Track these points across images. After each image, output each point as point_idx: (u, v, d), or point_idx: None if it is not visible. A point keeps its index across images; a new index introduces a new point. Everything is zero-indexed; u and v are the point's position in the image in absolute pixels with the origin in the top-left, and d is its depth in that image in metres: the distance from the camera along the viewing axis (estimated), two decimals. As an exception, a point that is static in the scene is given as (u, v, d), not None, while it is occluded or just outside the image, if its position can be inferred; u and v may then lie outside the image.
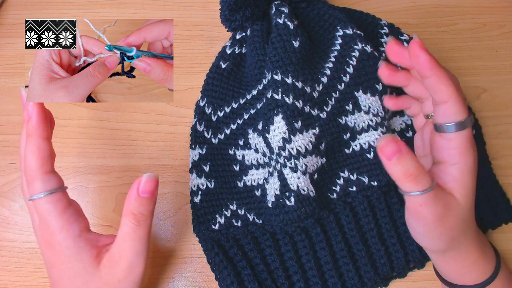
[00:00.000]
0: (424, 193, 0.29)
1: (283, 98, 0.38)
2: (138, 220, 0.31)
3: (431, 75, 0.30)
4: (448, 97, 0.30)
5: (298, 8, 0.43)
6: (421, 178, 0.29)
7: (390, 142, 0.29)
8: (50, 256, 0.32)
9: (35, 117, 0.31)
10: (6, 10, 0.49)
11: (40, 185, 0.30)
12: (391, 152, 0.29)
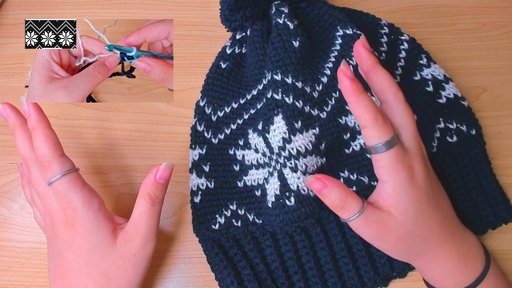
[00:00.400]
0: (353, 219, 0.32)
1: (283, 98, 0.38)
2: (153, 201, 0.35)
3: (350, 101, 0.32)
4: (366, 122, 0.31)
5: (298, 8, 0.43)
6: (347, 207, 0.32)
7: (314, 182, 0.33)
8: (69, 235, 0.34)
9: (35, 112, 0.35)
10: (6, 10, 0.49)
11: (58, 166, 0.34)
12: (317, 189, 0.33)
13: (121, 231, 0.35)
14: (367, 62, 0.33)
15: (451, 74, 0.44)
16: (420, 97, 0.43)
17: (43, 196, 0.35)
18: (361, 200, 0.33)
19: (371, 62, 0.33)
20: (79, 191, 0.34)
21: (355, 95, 0.31)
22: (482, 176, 0.40)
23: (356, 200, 0.32)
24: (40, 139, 0.34)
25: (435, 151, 0.41)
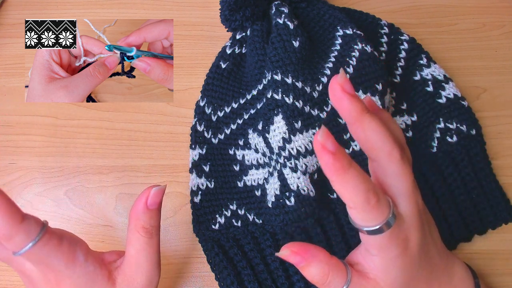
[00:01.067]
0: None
1: (283, 98, 0.38)
2: (150, 233, 0.30)
3: (333, 180, 0.25)
4: (353, 204, 0.25)
5: (298, 8, 0.43)
6: (329, 284, 0.28)
7: (289, 256, 0.28)
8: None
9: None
10: (6, 10, 0.49)
11: (23, 237, 0.26)
12: (294, 263, 0.28)
13: (119, 273, 0.30)
14: (350, 111, 0.25)
15: (451, 74, 0.44)
16: (420, 97, 0.43)
17: (11, 263, 0.29)
18: (345, 273, 0.28)
19: (356, 111, 0.25)
20: (57, 252, 0.28)
21: (339, 174, 0.24)
22: (482, 176, 0.40)
23: (340, 275, 0.28)
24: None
25: (435, 151, 0.41)
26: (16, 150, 0.44)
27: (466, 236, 0.39)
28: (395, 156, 0.26)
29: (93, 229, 0.42)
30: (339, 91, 0.25)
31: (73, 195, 0.43)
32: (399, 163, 0.26)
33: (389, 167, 0.26)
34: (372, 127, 0.25)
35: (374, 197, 0.25)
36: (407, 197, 0.27)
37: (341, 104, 0.25)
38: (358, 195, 0.24)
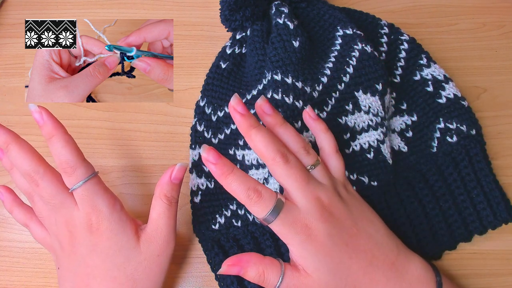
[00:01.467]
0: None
1: (283, 98, 0.38)
2: (170, 201, 0.35)
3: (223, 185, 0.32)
4: (243, 201, 0.31)
5: (298, 8, 0.43)
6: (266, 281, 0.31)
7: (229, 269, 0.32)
8: (94, 238, 0.33)
9: (50, 119, 0.33)
10: (6, 10, 0.50)
11: (83, 170, 0.33)
12: (236, 273, 0.32)
13: (142, 232, 0.35)
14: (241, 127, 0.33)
15: (451, 74, 0.44)
16: (420, 97, 0.43)
17: (60, 207, 0.33)
18: (279, 268, 0.32)
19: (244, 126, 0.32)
20: (103, 193, 0.34)
21: (223, 179, 0.31)
22: (482, 176, 0.40)
23: (274, 270, 0.31)
24: (61, 145, 0.33)
25: (435, 151, 0.41)
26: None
27: (466, 236, 0.39)
28: (278, 161, 0.32)
29: (93, 229, 0.42)
30: (232, 110, 0.32)
31: (73, 195, 0.43)
32: (283, 166, 0.32)
33: (275, 170, 0.32)
34: (258, 138, 0.32)
35: (254, 193, 0.31)
36: (299, 191, 0.32)
37: (234, 119, 0.33)
38: (240, 193, 0.31)
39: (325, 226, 0.31)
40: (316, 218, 0.31)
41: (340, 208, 0.33)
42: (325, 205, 0.32)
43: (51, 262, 0.41)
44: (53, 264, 0.41)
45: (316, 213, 0.32)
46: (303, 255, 0.31)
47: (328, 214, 0.32)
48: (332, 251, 0.31)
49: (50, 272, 0.41)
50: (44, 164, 0.33)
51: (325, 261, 0.31)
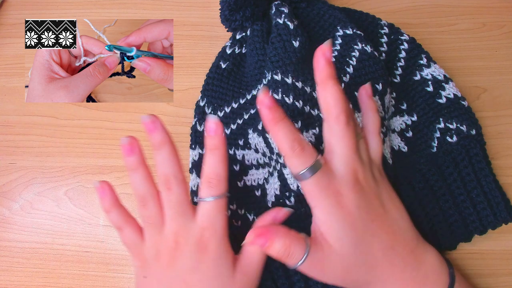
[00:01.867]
0: (300, 265, 0.31)
1: (283, 98, 0.38)
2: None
3: (268, 131, 0.32)
4: (284, 152, 0.32)
5: (298, 8, 0.43)
6: (292, 255, 0.31)
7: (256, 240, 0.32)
8: (200, 256, 0.33)
9: (219, 132, 0.34)
10: (6, 10, 0.50)
11: (222, 187, 0.34)
12: (261, 244, 0.32)
13: (238, 263, 0.34)
14: (321, 73, 0.32)
15: (451, 74, 0.44)
16: (420, 97, 0.43)
17: (179, 215, 0.33)
18: (304, 243, 0.32)
19: (324, 74, 0.31)
20: (224, 216, 0.34)
21: (272, 124, 0.31)
22: (482, 176, 0.40)
23: (299, 245, 0.31)
24: (218, 159, 0.34)
25: (435, 151, 0.41)
26: (16, 150, 0.44)
27: (466, 236, 0.39)
28: (341, 120, 0.31)
29: (93, 229, 0.42)
30: (320, 54, 0.31)
31: (73, 195, 0.43)
32: (343, 126, 0.32)
33: (334, 127, 0.32)
34: (332, 90, 0.31)
35: (298, 146, 0.31)
36: (343, 158, 0.32)
37: (317, 64, 0.32)
38: (285, 142, 0.31)
39: (356, 197, 0.32)
40: (349, 188, 0.32)
41: (372, 186, 0.33)
42: (359, 178, 0.33)
43: (51, 262, 0.41)
44: (53, 264, 0.41)
45: (350, 183, 0.32)
46: (328, 221, 0.31)
47: (360, 187, 0.32)
48: (358, 223, 0.31)
49: (50, 272, 0.41)
50: (183, 172, 0.35)
51: (349, 232, 0.31)
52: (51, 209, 0.43)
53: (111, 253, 0.41)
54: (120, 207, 0.36)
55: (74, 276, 0.41)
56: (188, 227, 0.33)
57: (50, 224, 0.42)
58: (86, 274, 0.41)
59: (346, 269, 0.32)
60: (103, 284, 0.41)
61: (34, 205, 0.43)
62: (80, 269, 0.41)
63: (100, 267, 0.41)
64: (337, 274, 0.32)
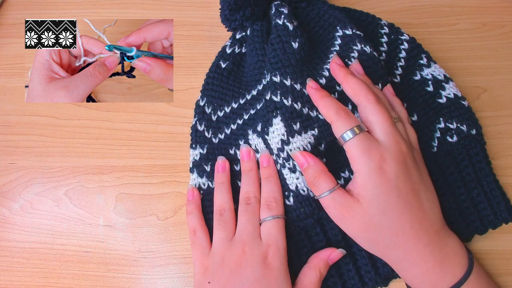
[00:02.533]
0: (321, 197, 0.35)
1: (281, 100, 0.38)
2: (321, 276, 0.37)
3: (318, 105, 0.37)
4: (331, 118, 0.36)
5: (298, 8, 0.43)
6: (317, 185, 0.35)
7: (298, 156, 0.36)
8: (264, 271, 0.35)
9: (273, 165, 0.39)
10: (6, 10, 0.50)
11: (280, 209, 0.38)
12: (299, 163, 0.37)
13: (297, 282, 0.37)
14: (339, 74, 0.38)
15: (451, 74, 0.44)
16: (420, 97, 0.43)
17: (248, 227, 0.37)
18: (333, 182, 0.35)
19: (342, 74, 0.38)
20: (284, 235, 0.37)
21: (320, 98, 0.37)
22: (482, 176, 0.40)
23: (327, 181, 0.35)
24: (275, 185, 0.38)
25: (435, 151, 0.41)
26: (16, 150, 0.44)
27: (466, 236, 0.39)
28: (370, 98, 0.36)
29: (93, 229, 0.42)
30: (334, 63, 0.39)
31: (73, 195, 0.43)
32: (374, 102, 0.35)
33: (367, 106, 0.36)
34: (353, 81, 0.37)
35: (343, 112, 0.36)
36: (384, 128, 0.35)
37: (334, 72, 0.38)
38: (332, 109, 0.36)
39: (398, 167, 0.34)
40: (392, 156, 0.34)
41: (413, 164, 0.35)
42: (403, 150, 0.35)
43: (51, 262, 0.41)
44: (53, 264, 0.41)
45: (394, 151, 0.34)
46: (365, 182, 0.34)
47: (403, 159, 0.35)
48: (393, 191, 0.34)
49: (50, 272, 0.41)
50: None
51: (383, 197, 0.34)
52: (51, 209, 0.43)
53: (111, 253, 0.41)
54: (200, 213, 0.40)
55: (74, 276, 0.41)
56: (255, 241, 0.36)
57: (50, 224, 0.42)
58: (86, 274, 0.41)
59: (366, 225, 0.34)
60: (103, 284, 0.41)
61: (34, 205, 0.43)
62: (80, 269, 0.41)
63: (100, 267, 0.41)
64: (354, 225, 0.34)
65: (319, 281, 0.37)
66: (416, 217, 0.34)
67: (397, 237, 0.34)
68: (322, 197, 0.35)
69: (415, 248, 0.34)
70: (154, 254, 0.41)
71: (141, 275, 0.41)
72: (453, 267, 0.34)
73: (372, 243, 0.35)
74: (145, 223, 0.42)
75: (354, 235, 0.35)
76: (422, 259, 0.34)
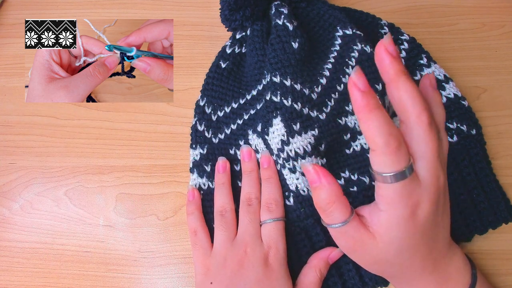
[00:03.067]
0: (333, 228, 0.31)
1: (281, 100, 0.38)
2: (322, 276, 0.37)
3: (359, 118, 0.27)
4: (375, 146, 0.27)
5: (298, 8, 0.43)
6: (330, 213, 0.30)
7: (309, 172, 0.31)
8: (265, 272, 0.35)
9: (274, 167, 0.39)
10: (6, 10, 0.50)
11: (282, 211, 0.38)
12: (310, 180, 0.31)
13: (298, 283, 0.37)
14: (389, 70, 0.27)
15: (451, 74, 0.44)
16: (420, 97, 0.43)
17: (249, 228, 0.37)
18: (349, 211, 0.30)
19: (394, 71, 0.27)
20: (284, 237, 0.37)
21: (365, 112, 0.26)
22: (482, 176, 0.40)
23: (343, 210, 0.30)
24: (275, 186, 0.38)
25: (435, 151, 0.41)
26: (16, 150, 0.44)
27: (466, 235, 0.39)
28: (423, 120, 0.27)
29: (93, 229, 0.42)
30: (382, 51, 0.27)
31: (73, 195, 0.43)
32: (426, 127, 0.27)
33: (416, 129, 0.27)
34: (406, 87, 0.27)
35: (394, 142, 0.26)
36: (429, 162, 0.28)
37: (382, 63, 0.27)
38: (380, 136, 0.26)
39: (431, 209, 0.29)
40: (429, 199, 0.28)
41: (446, 192, 0.31)
42: (440, 187, 0.29)
43: (51, 262, 0.41)
44: (53, 264, 0.41)
45: (432, 194, 0.28)
46: (391, 227, 0.29)
47: (437, 196, 0.29)
48: (417, 235, 0.29)
49: (50, 272, 0.41)
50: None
51: (404, 241, 0.29)
52: (51, 209, 0.43)
53: (111, 253, 0.41)
54: (200, 213, 0.40)
55: (74, 276, 0.41)
56: (256, 242, 0.36)
57: (50, 224, 0.42)
58: (86, 274, 0.41)
59: (378, 261, 0.31)
60: (103, 284, 0.41)
61: (34, 205, 0.43)
62: (80, 269, 0.41)
63: (100, 267, 0.41)
64: (364, 259, 0.32)
65: (319, 281, 0.37)
66: (428, 249, 0.31)
67: (405, 269, 0.32)
68: (332, 227, 0.31)
69: (420, 277, 0.32)
70: (154, 254, 0.41)
71: (141, 275, 0.41)
72: (455, 286, 0.33)
73: (378, 272, 0.33)
74: (145, 223, 0.42)
75: (361, 263, 0.33)
76: (425, 284, 0.33)
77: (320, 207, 0.31)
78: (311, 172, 0.31)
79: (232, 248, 0.37)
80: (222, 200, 0.39)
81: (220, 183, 0.40)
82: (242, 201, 0.39)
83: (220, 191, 0.40)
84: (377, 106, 0.26)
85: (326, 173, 0.31)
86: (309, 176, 0.31)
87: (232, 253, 0.36)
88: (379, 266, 0.32)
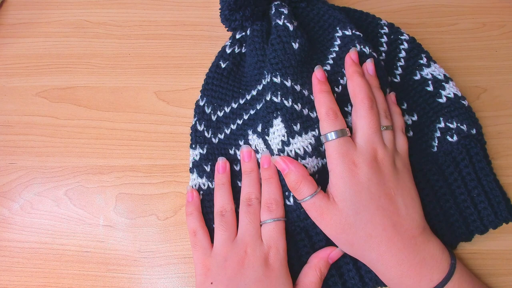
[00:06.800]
0: (303, 201, 0.36)
1: (282, 101, 0.38)
2: (322, 275, 0.37)
3: (314, 97, 0.38)
4: (320, 115, 0.37)
5: (298, 8, 0.43)
6: (299, 190, 0.36)
7: (279, 162, 0.37)
8: (266, 271, 0.36)
9: (274, 168, 0.39)
10: (6, 10, 0.50)
11: (280, 211, 0.38)
12: (281, 169, 0.37)
13: (298, 282, 0.37)
14: (349, 70, 0.39)
15: (451, 74, 0.44)
16: (420, 97, 0.43)
17: (250, 228, 0.37)
18: (315, 187, 0.36)
19: (351, 71, 0.38)
20: (284, 237, 0.37)
21: (318, 92, 0.38)
22: (483, 175, 0.40)
23: (308, 186, 0.36)
24: (275, 187, 0.38)
25: (435, 151, 0.41)
26: (16, 150, 0.44)
27: (466, 235, 0.39)
28: (366, 103, 0.37)
29: (93, 229, 0.42)
30: (348, 57, 0.39)
31: (73, 195, 0.43)
32: (367, 109, 0.37)
33: (359, 109, 0.37)
34: (358, 82, 0.38)
35: (332, 112, 0.37)
36: (364, 135, 0.36)
37: (346, 65, 0.39)
38: (323, 106, 0.37)
39: (369, 171, 0.35)
40: (365, 162, 0.35)
41: (389, 170, 0.36)
42: (377, 158, 0.36)
43: (51, 262, 0.41)
44: (53, 264, 0.41)
45: (368, 158, 0.36)
46: (338, 182, 0.35)
47: (376, 165, 0.36)
48: (364, 193, 0.35)
49: (50, 272, 0.41)
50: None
51: (354, 197, 0.35)
52: (51, 209, 0.43)
53: (111, 253, 0.41)
54: (200, 214, 0.40)
55: (74, 276, 0.41)
56: (257, 242, 0.37)
57: (50, 224, 0.42)
58: (86, 274, 0.41)
59: (343, 226, 0.35)
60: (103, 284, 0.41)
61: (34, 205, 0.43)
62: (80, 269, 0.41)
63: (100, 267, 0.41)
64: (332, 226, 0.35)
65: (319, 281, 0.37)
66: (389, 220, 0.35)
67: (370, 238, 0.35)
68: (303, 201, 0.36)
69: (388, 251, 0.34)
70: (154, 254, 0.41)
71: (141, 275, 0.41)
72: (430, 272, 0.34)
73: (349, 244, 0.36)
74: (145, 223, 0.42)
75: (332, 237, 0.36)
76: (396, 262, 0.34)
77: (292, 187, 0.37)
78: (280, 162, 0.37)
79: (232, 248, 0.37)
80: (222, 200, 0.39)
81: (220, 184, 0.40)
82: (242, 201, 0.39)
83: (220, 192, 0.40)
84: (327, 90, 0.38)
85: (292, 160, 0.37)
86: (279, 166, 0.37)
87: (233, 253, 0.36)
88: (347, 235, 0.35)
